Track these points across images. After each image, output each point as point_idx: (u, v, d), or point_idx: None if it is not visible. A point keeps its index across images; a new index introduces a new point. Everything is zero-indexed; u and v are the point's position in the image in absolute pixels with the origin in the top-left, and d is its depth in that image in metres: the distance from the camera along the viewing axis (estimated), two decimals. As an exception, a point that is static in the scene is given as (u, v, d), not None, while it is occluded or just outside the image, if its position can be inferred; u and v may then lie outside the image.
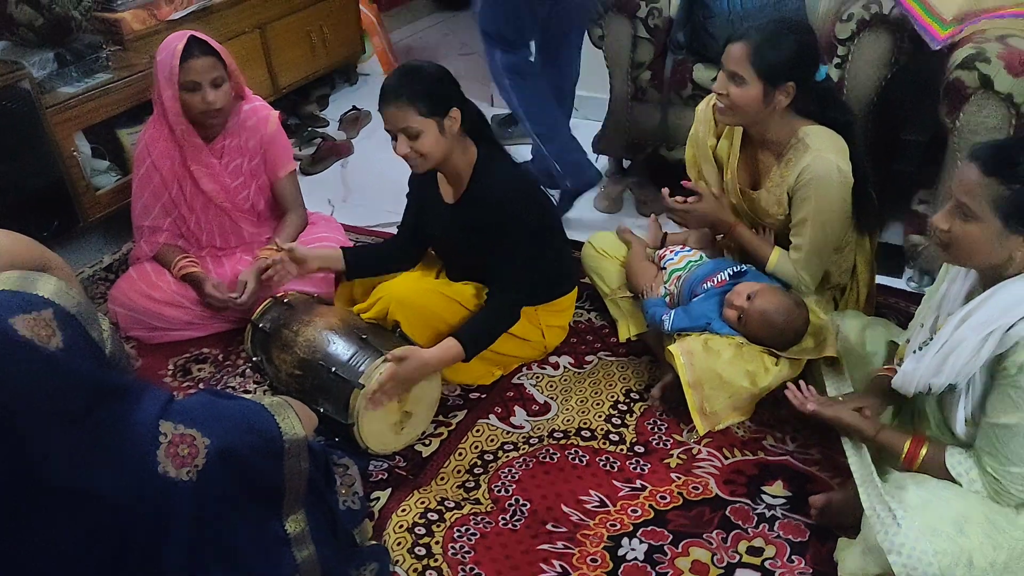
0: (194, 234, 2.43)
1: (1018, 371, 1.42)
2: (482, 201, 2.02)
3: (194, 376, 2.31)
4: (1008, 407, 1.45)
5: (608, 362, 2.29)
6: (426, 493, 1.90)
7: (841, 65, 2.57)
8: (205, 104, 2.21)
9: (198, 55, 2.18)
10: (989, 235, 1.44)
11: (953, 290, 1.65)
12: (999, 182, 1.41)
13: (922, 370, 1.57)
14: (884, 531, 1.49)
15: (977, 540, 1.46)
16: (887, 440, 1.66)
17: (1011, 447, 1.46)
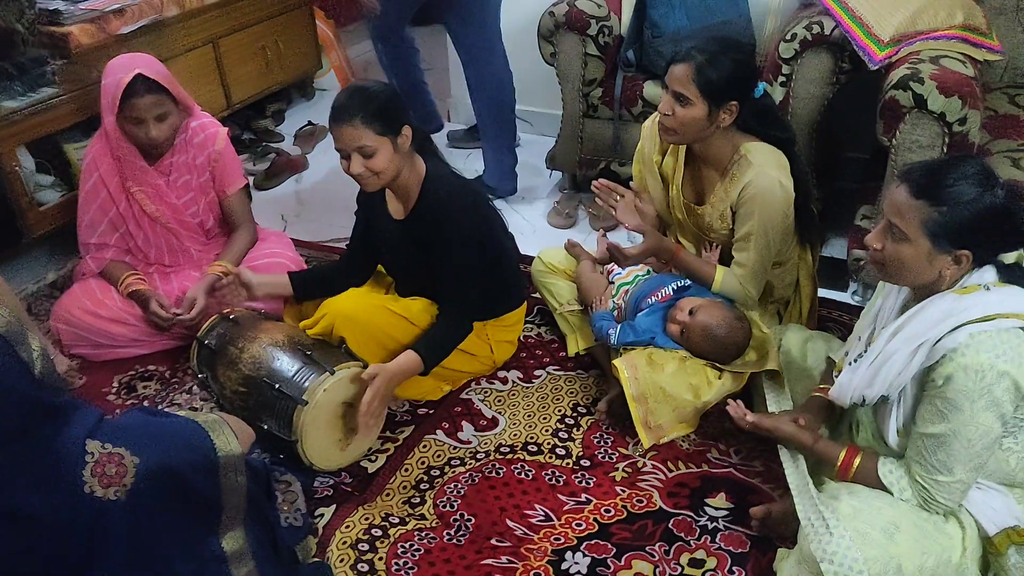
0: (142, 250, 2.41)
1: (944, 382, 1.46)
2: (430, 216, 2.03)
3: (139, 393, 2.28)
4: (935, 418, 1.49)
5: (557, 376, 2.31)
6: (371, 509, 1.90)
7: (786, 84, 2.63)
8: (148, 139, 2.22)
9: (142, 93, 2.16)
10: (919, 255, 1.48)
11: (888, 304, 1.70)
12: (927, 204, 1.45)
13: (856, 381, 1.61)
14: (817, 540, 1.52)
15: (906, 546, 1.50)
16: (823, 450, 1.70)
17: (938, 456, 1.50)
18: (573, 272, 2.42)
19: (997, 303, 1.45)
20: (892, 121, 2.22)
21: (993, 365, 1.42)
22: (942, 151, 2.18)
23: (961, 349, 1.43)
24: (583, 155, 3.07)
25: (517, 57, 3.55)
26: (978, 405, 1.44)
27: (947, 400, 1.46)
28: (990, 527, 1.53)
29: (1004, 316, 1.43)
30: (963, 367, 1.43)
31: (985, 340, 1.42)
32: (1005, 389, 1.43)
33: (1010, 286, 1.49)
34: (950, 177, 1.45)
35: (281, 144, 3.75)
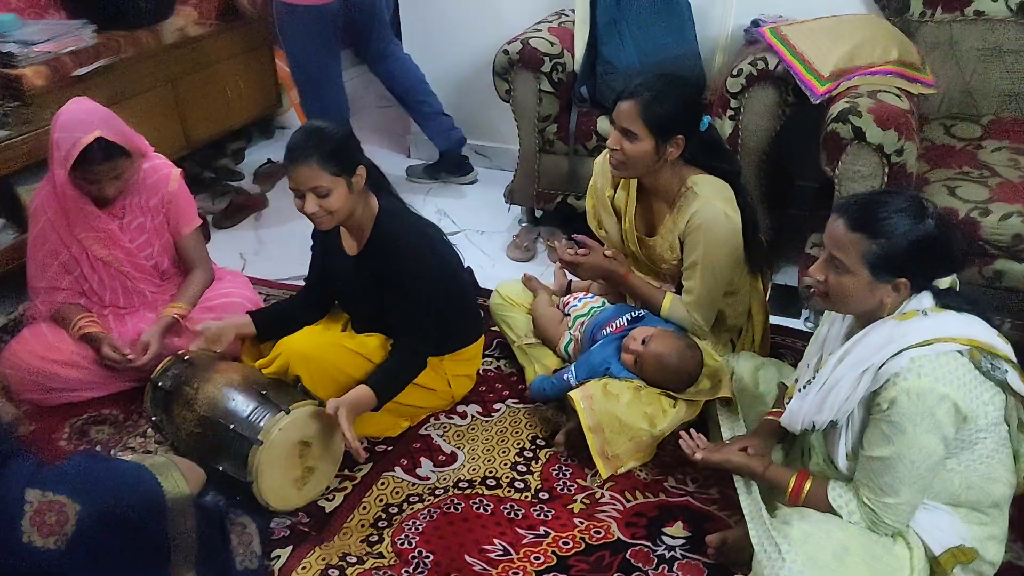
0: (96, 293, 2.38)
1: (889, 406, 1.50)
2: (384, 252, 2.05)
3: (92, 438, 2.25)
4: (881, 441, 1.52)
5: (516, 410, 2.32)
6: (328, 549, 1.88)
7: (735, 117, 2.70)
8: (101, 195, 2.21)
9: (100, 160, 2.12)
10: (861, 285, 1.54)
11: (834, 331, 1.74)
12: (865, 237, 1.51)
13: (806, 408, 1.65)
14: (770, 566, 1.54)
15: (855, 569, 1.52)
16: (774, 476, 1.73)
17: (885, 479, 1.53)
18: (530, 306, 2.45)
19: (935, 328, 1.50)
20: (834, 152, 2.29)
21: (933, 388, 1.46)
22: (883, 181, 2.26)
23: (903, 373, 1.47)
24: (540, 189, 3.11)
25: (473, 94, 3.63)
26: (921, 428, 1.48)
27: (892, 423, 1.50)
28: (936, 547, 1.56)
29: (942, 340, 1.48)
30: (906, 391, 1.47)
31: (925, 364, 1.47)
32: (946, 412, 1.47)
33: (946, 311, 1.54)
34: (884, 211, 1.51)
35: (241, 183, 3.75)
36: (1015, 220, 2.19)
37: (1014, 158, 2.45)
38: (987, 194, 2.28)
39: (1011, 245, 2.20)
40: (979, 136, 2.60)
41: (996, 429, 1.56)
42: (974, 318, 1.55)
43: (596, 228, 2.36)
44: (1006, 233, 2.19)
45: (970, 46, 2.72)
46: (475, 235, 3.30)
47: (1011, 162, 2.43)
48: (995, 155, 2.48)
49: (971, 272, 2.26)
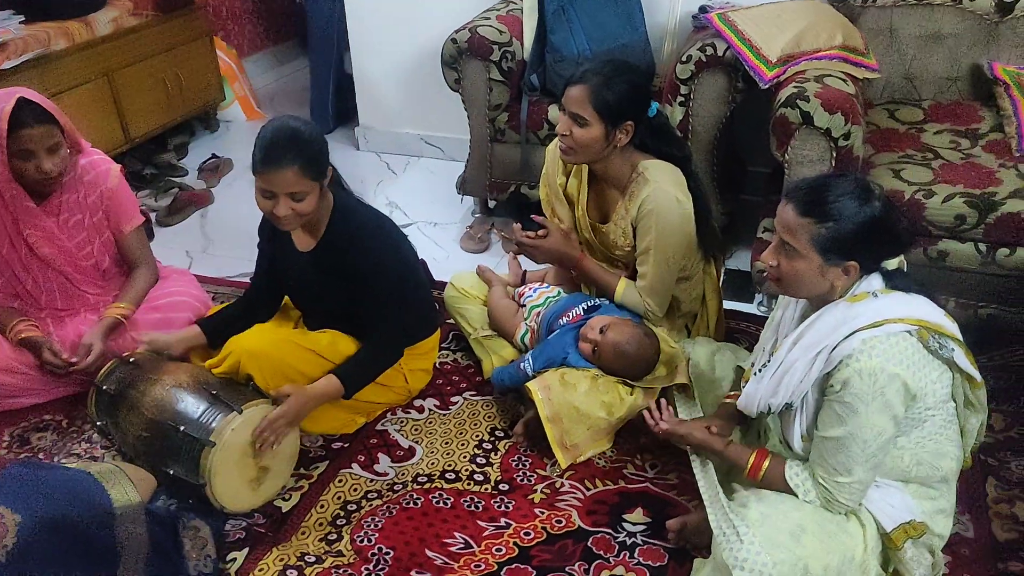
0: (32, 295, 2.29)
1: (842, 387, 1.52)
2: (341, 246, 2.01)
3: (33, 446, 2.16)
4: (834, 421, 1.55)
5: (474, 402, 2.30)
6: (286, 549, 1.84)
7: (685, 103, 2.71)
8: (41, 173, 2.09)
9: (32, 124, 2.03)
10: (812, 268, 1.55)
11: (788, 315, 1.76)
12: (814, 222, 1.52)
13: (762, 391, 1.67)
14: (729, 547, 1.56)
15: (811, 547, 1.55)
16: (733, 454, 1.74)
17: (838, 459, 1.56)
18: (485, 297, 2.43)
19: (885, 309, 1.52)
20: (784, 137, 2.31)
21: (884, 368, 1.48)
22: (831, 165, 2.29)
23: (855, 355, 1.49)
24: (493, 179, 3.09)
25: (423, 84, 3.59)
26: (872, 408, 1.50)
27: (844, 404, 1.52)
28: (887, 523, 1.60)
29: (892, 321, 1.50)
30: (858, 371, 1.49)
31: (876, 345, 1.49)
32: (896, 391, 1.50)
33: (895, 292, 1.57)
34: (831, 194, 1.53)
35: (185, 178, 3.65)
36: (957, 201, 2.24)
37: (955, 140, 2.50)
38: (931, 176, 2.33)
39: (954, 226, 2.25)
40: (921, 119, 2.66)
41: (944, 406, 1.60)
42: (922, 298, 1.58)
43: (550, 216, 2.34)
44: (949, 214, 2.24)
45: (910, 32, 2.77)
46: (428, 227, 3.27)
47: (952, 144, 2.49)
48: (937, 138, 2.53)
49: (916, 253, 2.31)
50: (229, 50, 4.26)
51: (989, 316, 2.31)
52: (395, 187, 3.58)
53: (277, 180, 1.83)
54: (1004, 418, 2.15)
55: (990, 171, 2.33)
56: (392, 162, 3.81)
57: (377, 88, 3.74)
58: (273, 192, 1.85)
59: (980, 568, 1.76)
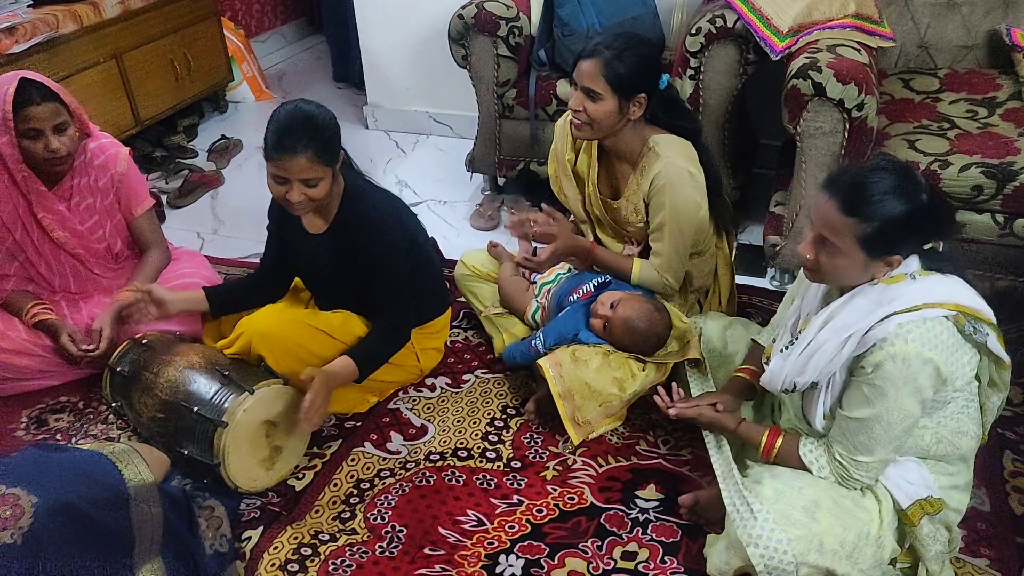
0: (45, 279, 2.30)
1: (873, 370, 1.49)
2: (353, 229, 2.00)
3: (51, 427, 2.19)
4: (861, 403, 1.53)
5: (485, 380, 2.30)
6: (300, 528, 1.85)
7: (695, 76, 2.68)
8: (49, 152, 2.09)
9: (38, 101, 2.03)
10: (855, 264, 1.50)
11: (812, 292, 1.70)
12: (859, 221, 1.45)
13: (788, 369, 1.62)
14: (743, 525, 1.55)
15: (827, 523, 1.54)
16: (746, 433, 1.73)
17: (860, 438, 1.55)
18: (496, 274, 2.42)
19: (923, 293, 1.47)
20: (796, 109, 2.28)
21: (919, 353, 1.45)
22: (844, 136, 2.25)
23: (891, 339, 1.46)
24: (502, 156, 3.07)
25: (431, 61, 3.56)
26: (903, 392, 1.48)
27: (874, 387, 1.50)
28: (904, 499, 1.58)
29: (930, 305, 1.46)
30: (892, 356, 1.46)
31: (913, 330, 1.45)
32: (928, 375, 1.47)
33: (933, 275, 1.51)
34: (877, 191, 1.45)
35: (195, 160, 3.65)
36: (974, 171, 2.20)
37: (972, 109, 2.46)
38: (947, 146, 2.29)
39: (971, 196, 2.22)
40: (937, 89, 2.61)
41: (968, 387, 1.57)
42: (958, 280, 1.53)
43: (558, 193, 2.33)
44: (966, 184, 2.21)
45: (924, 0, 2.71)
46: (437, 205, 3.26)
47: (969, 113, 2.44)
48: (953, 107, 2.49)
49: (932, 224, 2.28)
50: (237, 30, 4.24)
51: (1006, 288, 2.28)
52: (404, 166, 3.57)
53: (290, 166, 1.81)
54: (1022, 391, 2.12)
55: (1008, 140, 2.28)
56: (401, 140, 3.79)
57: (385, 66, 3.72)
58: (286, 178, 1.84)
59: (997, 542, 1.75)
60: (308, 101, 1.90)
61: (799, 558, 1.52)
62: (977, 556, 1.72)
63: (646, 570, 1.74)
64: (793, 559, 1.52)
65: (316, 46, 5.04)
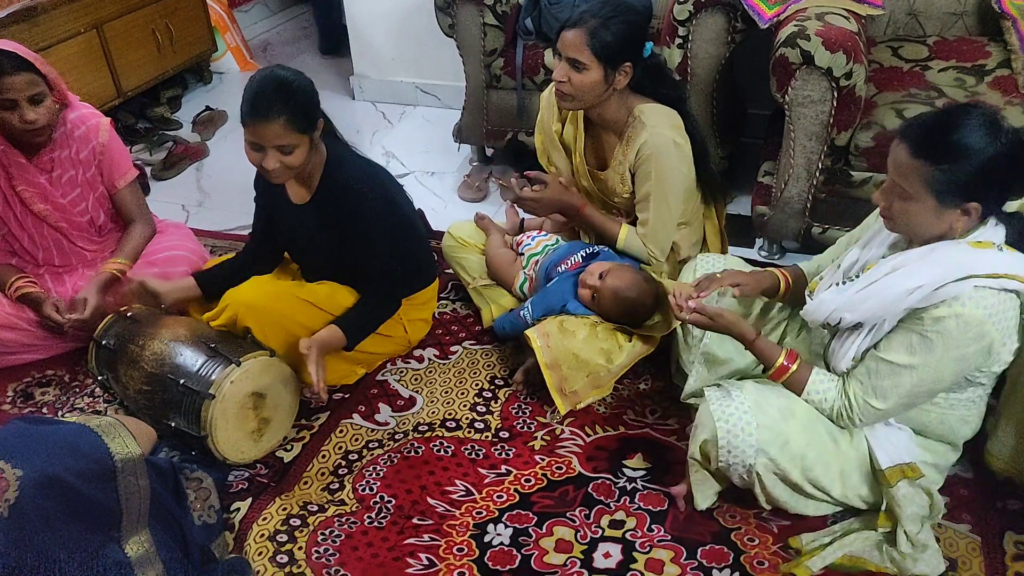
0: (29, 252, 2.28)
1: (933, 323, 1.46)
2: (335, 199, 1.98)
3: (37, 400, 2.18)
4: (904, 349, 1.49)
5: (473, 351, 2.30)
6: (288, 499, 1.86)
7: (683, 45, 2.65)
8: (25, 123, 2.05)
9: (11, 71, 1.99)
10: (927, 210, 1.45)
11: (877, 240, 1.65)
12: (928, 163, 1.41)
13: (840, 302, 1.56)
14: (717, 403, 1.59)
15: (795, 430, 1.58)
16: (763, 348, 1.66)
17: (884, 383, 1.53)
18: (484, 245, 2.41)
19: (1007, 264, 1.44)
20: (784, 78, 2.26)
21: (983, 322, 1.43)
22: (832, 105, 2.24)
23: (963, 299, 1.42)
24: (489, 126, 3.04)
25: (417, 30, 3.52)
26: (950, 354, 1.46)
27: (925, 338, 1.47)
28: (884, 459, 1.61)
29: (1010, 277, 1.42)
30: (957, 315, 1.43)
31: (988, 296, 1.43)
32: (979, 349, 1.46)
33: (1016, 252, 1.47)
34: (950, 134, 1.41)
35: (179, 132, 3.61)
36: (961, 140, 2.19)
37: (960, 78, 2.45)
38: (934, 115, 2.28)
39: (957, 165, 2.21)
40: (926, 57, 2.60)
41: (994, 377, 1.57)
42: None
43: (546, 164, 2.31)
44: (953, 153, 2.20)
45: (915, -34, 2.69)
46: (425, 176, 3.23)
47: (957, 82, 2.43)
48: (942, 75, 2.48)
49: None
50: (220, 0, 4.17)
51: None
52: (391, 137, 3.54)
53: (264, 133, 1.79)
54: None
55: (996, 108, 2.27)
56: (388, 111, 3.75)
57: (371, 36, 3.67)
58: (262, 145, 1.82)
59: (978, 507, 1.78)
60: (284, 67, 1.88)
61: (761, 445, 1.56)
62: (958, 521, 1.74)
63: (633, 538, 1.75)
64: (756, 443, 1.56)
65: (301, 15, 4.97)
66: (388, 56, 3.70)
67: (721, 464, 1.61)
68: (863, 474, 1.64)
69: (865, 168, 2.33)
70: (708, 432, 1.61)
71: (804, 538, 1.69)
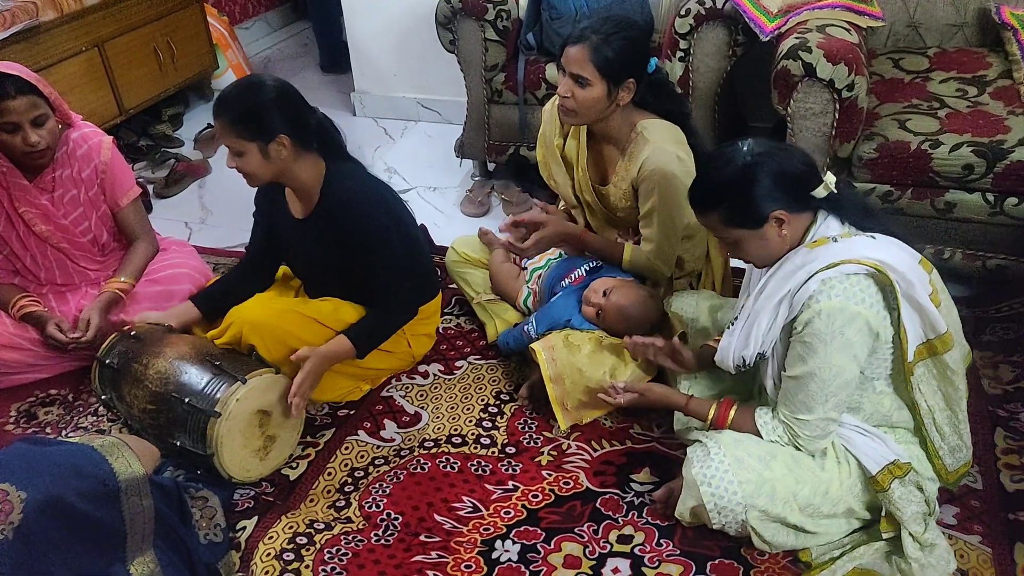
0: (31, 271, 2.28)
1: (803, 328, 1.54)
2: (334, 214, 1.98)
3: (41, 420, 2.17)
4: (796, 361, 1.58)
5: (478, 366, 2.29)
6: (295, 517, 1.85)
7: (684, 58, 2.66)
8: (28, 146, 2.06)
9: (13, 95, 2.00)
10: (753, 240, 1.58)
11: (757, 271, 1.74)
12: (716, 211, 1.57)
13: (734, 343, 1.68)
14: (699, 464, 1.62)
15: (780, 472, 1.60)
16: (696, 408, 1.78)
17: (799, 397, 1.59)
18: (488, 260, 2.41)
19: (843, 251, 1.53)
20: (785, 90, 2.27)
21: (844, 307, 1.50)
22: (834, 117, 2.25)
23: (815, 296, 1.51)
24: (491, 141, 3.05)
25: (418, 46, 3.53)
26: (832, 347, 1.52)
27: (805, 344, 1.55)
28: (872, 466, 1.62)
29: (847, 262, 1.51)
30: (818, 312, 1.51)
31: (835, 285, 1.51)
32: (858, 330, 1.52)
33: (856, 235, 1.56)
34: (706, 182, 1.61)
35: (181, 149, 3.62)
36: (965, 150, 2.20)
37: (962, 88, 2.46)
38: (937, 126, 2.29)
39: (962, 176, 2.22)
40: (927, 68, 2.61)
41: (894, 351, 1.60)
42: (890, 241, 1.56)
43: (548, 178, 2.31)
44: (956, 164, 2.21)
45: (914, -23, 2.71)
46: (427, 192, 3.24)
47: (959, 92, 2.44)
48: (943, 86, 2.48)
49: (923, 204, 2.28)
50: (221, 17, 4.19)
51: (997, 267, 2.29)
52: (393, 152, 3.54)
53: (217, 130, 1.87)
54: (1012, 369, 2.13)
55: (998, 119, 2.28)
56: (389, 127, 3.76)
57: (372, 52, 3.68)
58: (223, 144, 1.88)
59: (989, 519, 1.76)
60: (269, 76, 1.93)
61: (747, 500, 1.59)
62: (969, 533, 1.73)
63: (642, 553, 1.74)
64: (742, 500, 1.59)
65: (302, 32, 4.99)
66: (389, 72, 3.71)
67: (715, 525, 1.64)
68: (861, 484, 1.65)
69: (868, 179, 2.33)
70: (695, 498, 1.64)
71: (814, 551, 1.68)
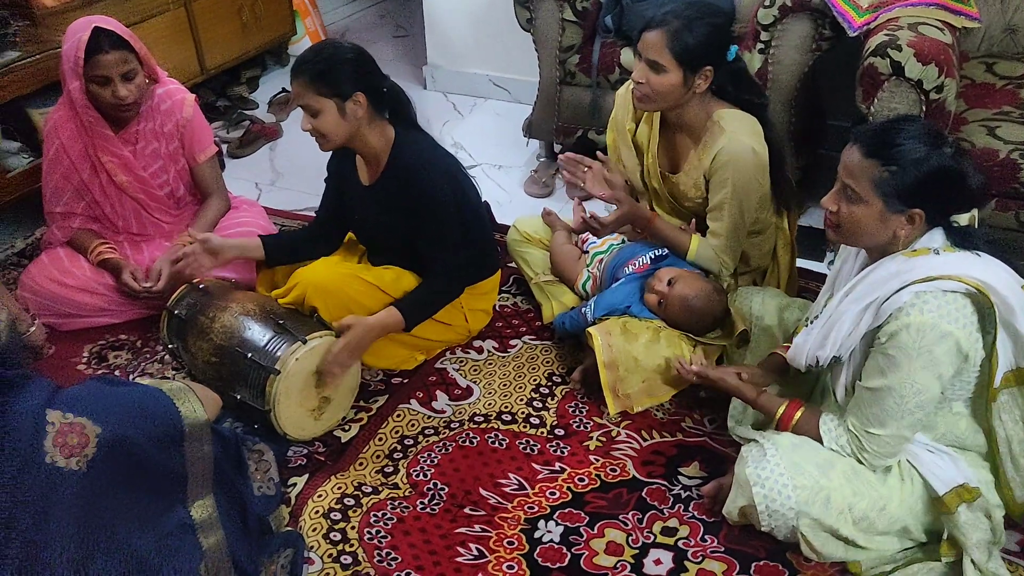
0: (109, 220, 2.36)
1: (888, 339, 1.49)
2: (400, 182, 2.01)
3: (110, 363, 2.25)
4: (876, 373, 1.52)
5: (532, 346, 2.30)
6: (343, 478, 1.89)
7: (765, 51, 2.60)
8: (116, 99, 2.14)
9: (107, 49, 2.08)
10: (873, 215, 1.50)
11: (846, 268, 1.72)
12: (878, 164, 1.46)
13: (810, 343, 1.64)
14: (753, 464, 1.58)
15: (838, 483, 1.55)
16: (765, 403, 1.74)
17: (873, 410, 1.54)
18: (548, 241, 2.40)
19: (942, 265, 1.47)
20: (870, 88, 2.20)
21: (936, 325, 1.44)
22: (919, 119, 2.17)
23: (906, 308, 1.46)
24: (560, 123, 3.03)
25: (493, 23, 3.52)
26: (916, 363, 1.47)
27: (888, 356, 1.49)
28: (939, 486, 1.56)
29: (947, 278, 1.45)
30: (906, 325, 1.46)
31: (929, 300, 1.45)
32: (946, 350, 1.46)
33: (959, 251, 1.50)
34: (900, 136, 1.46)
35: (255, 111, 3.68)
36: (1056, 163, 2.11)
37: (1057, 98, 2.35)
38: (1028, 135, 2.20)
39: (1050, 189, 2.13)
40: (1021, 75, 2.50)
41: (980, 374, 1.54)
42: (993, 261, 1.50)
43: (616, 161, 2.29)
44: (1045, 176, 2.12)
45: (1015, -21, 2.59)
46: (492, 169, 3.24)
47: (1054, 103, 2.33)
48: (1037, 95, 2.38)
49: (1007, 216, 2.20)
50: (302, -17, 4.23)
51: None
52: (461, 128, 3.55)
53: (294, 90, 1.91)
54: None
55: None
56: (459, 102, 3.77)
57: (447, 27, 3.69)
58: (297, 105, 1.93)
59: (1048, 544, 1.71)
60: (348, 42, 1.98)
61: (800, 507, 1.54)
62: (1029, 558, 1.68)
63: (686, 547, 1.73)
64: (794, 506, 1.54)
65: (379, 4, 5.02)
66: (463, 47, 3.71)
67: (764, 528, 1.60)
68: (923, 505, 1.60)
69: (949, 186, 2.25)
70: (745, 498, 1.60)
71: (864, 564, 1.64)
